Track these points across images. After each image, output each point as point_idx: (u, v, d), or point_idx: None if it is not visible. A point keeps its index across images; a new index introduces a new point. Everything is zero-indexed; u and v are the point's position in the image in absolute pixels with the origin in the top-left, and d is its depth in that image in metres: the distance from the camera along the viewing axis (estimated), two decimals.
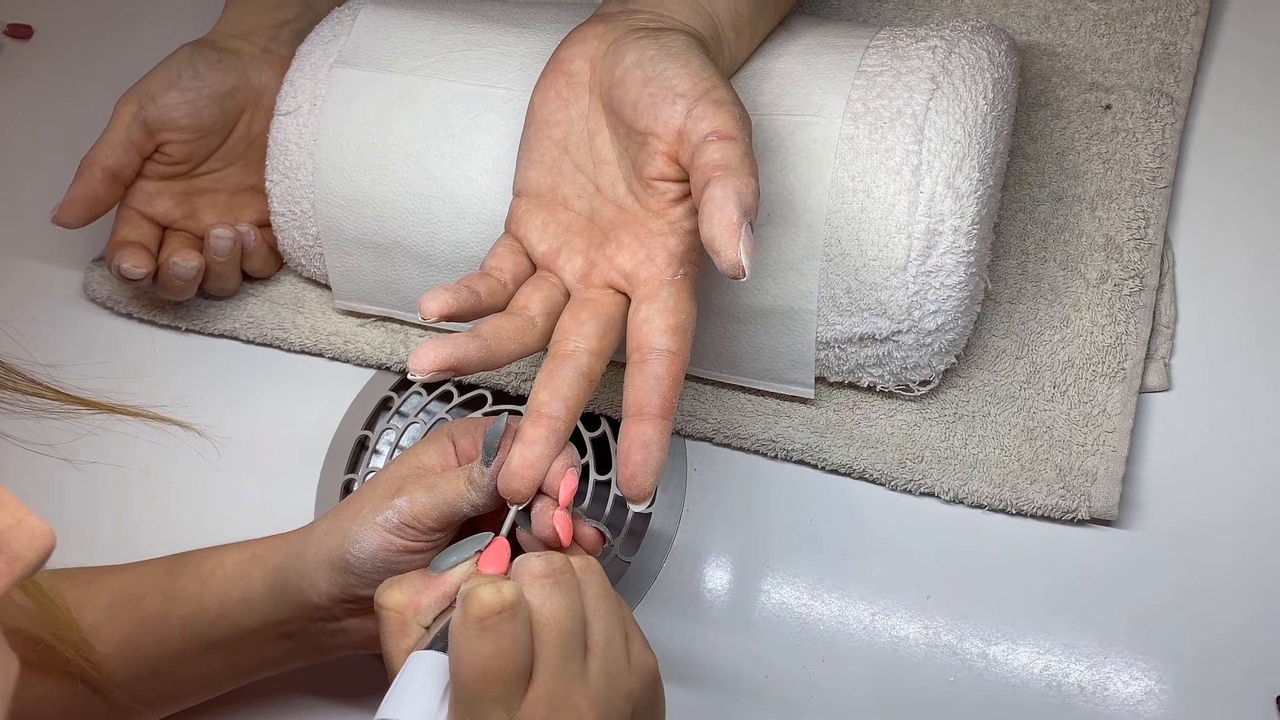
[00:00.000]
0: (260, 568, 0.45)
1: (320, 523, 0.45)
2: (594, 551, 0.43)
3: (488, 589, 0.36)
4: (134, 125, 0.58)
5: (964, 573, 0.49)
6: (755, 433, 0.53)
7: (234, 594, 0.45)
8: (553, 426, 0.41)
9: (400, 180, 0.54)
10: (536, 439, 0.41)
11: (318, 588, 0.44)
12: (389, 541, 0.43)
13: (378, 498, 0.43)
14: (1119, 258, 0.53)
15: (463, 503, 0.42)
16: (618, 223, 0.44)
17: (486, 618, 0.35)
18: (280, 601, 0.44)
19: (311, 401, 0.59)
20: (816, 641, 0.49)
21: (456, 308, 0.43)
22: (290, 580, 0.44)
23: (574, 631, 0.37)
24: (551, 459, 0.41)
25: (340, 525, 0.44)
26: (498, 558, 0.40)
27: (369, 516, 0.43)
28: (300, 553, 0.44)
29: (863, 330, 0.49)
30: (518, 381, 0.57)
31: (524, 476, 0.40)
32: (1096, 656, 0.47)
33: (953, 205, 0.47)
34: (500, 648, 0.35)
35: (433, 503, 0.43)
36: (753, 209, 0.39)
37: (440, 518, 0.43)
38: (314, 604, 0.44)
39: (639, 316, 0.42)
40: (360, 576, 0.43)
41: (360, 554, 0.43)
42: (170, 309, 0.62)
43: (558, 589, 0.37)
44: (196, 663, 0.46)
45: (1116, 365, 0.51)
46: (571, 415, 0.42)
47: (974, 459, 0.51)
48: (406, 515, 0.43)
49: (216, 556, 0.46)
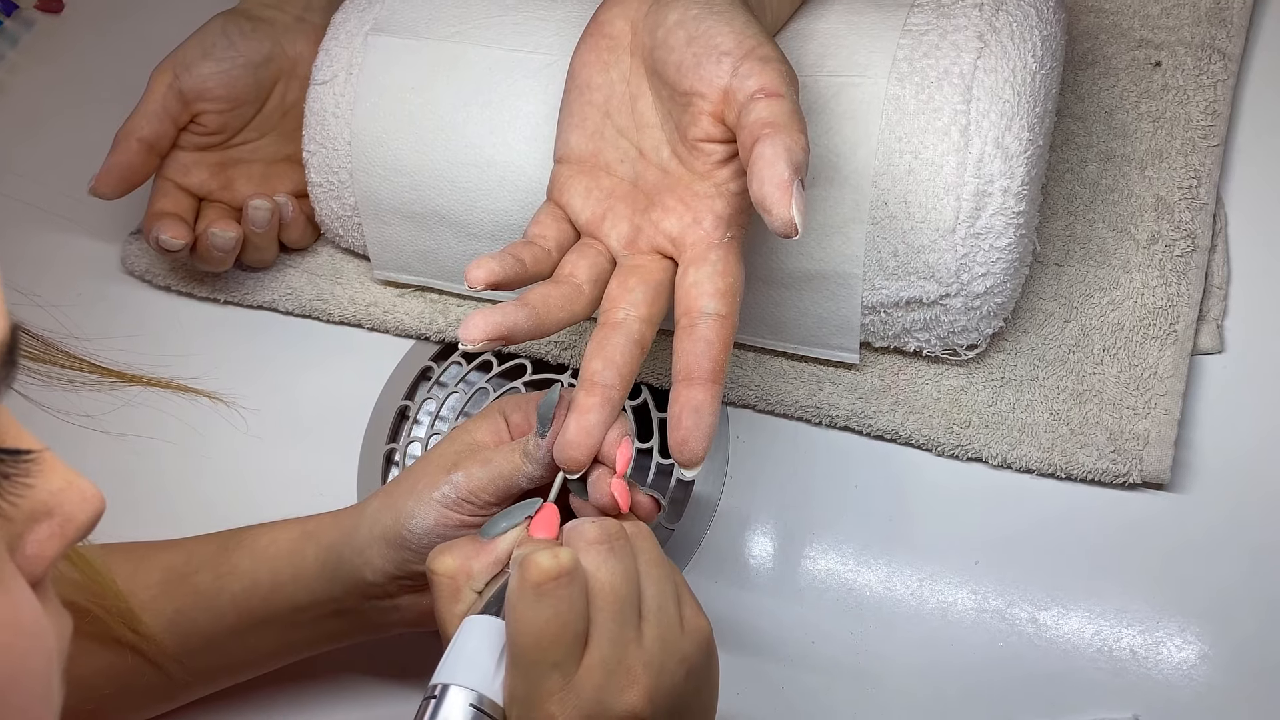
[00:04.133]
0: (313, 544, 0.45)
1: (372, 500, 0.45)
2: (649, 519, 0.43)
3: (545, 554, 0.36)
4: (169, 95, 0.58)
5: (1012, 538, 0.49)
6: (799, 399, 0.53)
7: (286, 570, 0.45)
8: (606, 395, 0.41)
9: (438, 148, 0.54)
10: (591, 408, 0.40)
11: (372, 564, 0.44)
12: (445, 516, 0.43)
13: (432, 474, 0.43)
14: (1170, 218, 0.52)
15: (519, 475, 0.42)
16: (662, 187, 0.44)
17: (544, 583, 0.35)
18: (333, 579, 0.44)
19: (351, 372, 0.59)
20: (863, 607, 0.49)
21: (503, 276, 0.42)
22: (344, 557, 0.44)
23: (629, 597, 0.37)
24: (607, 427, 0.41)
25: (394, 502, 0.44)
26: (549, 523, 0.40)
27: (424, 492, 0.43)
28: (353, 530, 0.44)
29: (909, 294, 0.48)
30: (557, 350, 0.57)
31: (580, 445, 0.40)
32: (1149, 621, 0.47)
33: (1002, 165, 0.46)
34: (558, 613, 0.35)
35: (489, 477, 0.42)
36: (803, 166, 0.38)
37: (496, 491, 0.43)
38: (368, 581, 0.44)
39: (687, 280, 0.42)
40: (416, 552, 0.43)
41: (417, 529, 0.43)
42: (208, 281, 0.62)
43: (613, 555, 0.37)
44: (249, 638, 0.46)
45: (1168, 327, 0.50)
46: (625, 383, 0.41)
47: (1022, 423, 0.50)
48: (463, 490, 0.42)
49: (269, 534, 0.46)
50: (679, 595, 0.39)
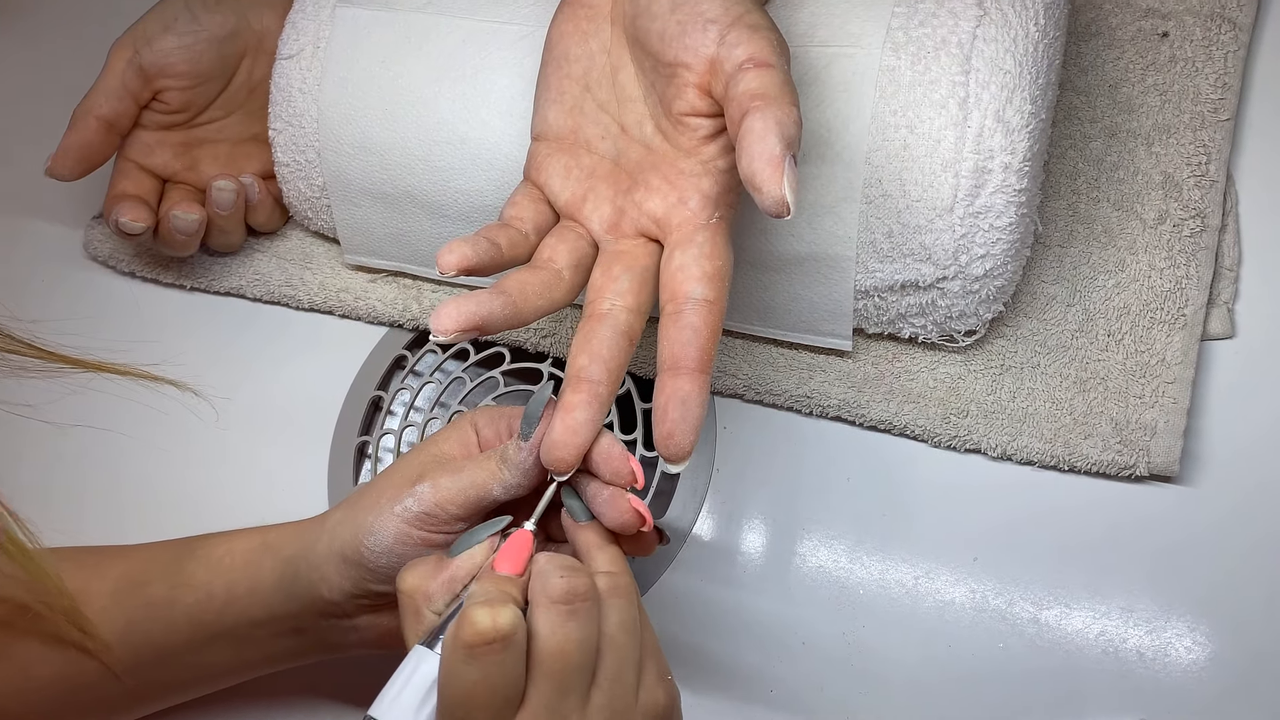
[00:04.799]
0: (271, 557, 0.43)
1: (334, 512, 0.43)
2: (647, 551, 0.41)
3: (483, 613, 0.33)
4: (129, 72, 0.56)
5: (1013, 533, 0.47)
6: (789, 388, 0.51)
7: (243, 583, 0.43)
8: (594, 391, 0.39)
9: (409, 126, 0.52)
10: (578, 405, 0.38)
11: (329, 582, 0.41)
12: (406, 533, 0.40)
13: (395, 486, 0.41)
14: (1178, 196, 0.50)
15: (493, 485, 0.40)
16: (646, 164, 0.42)
17: (476, 645, 0.33)
18: (290, 595, 0.42)
19: (322, 361, 0.57)
20: (856, 606, 0.47)
21: (476, 261, 0.40)
22: (300, 572, 0.42)
23: (580, 667, 0.35)
24: (596, 425, 0.39)
25: (354, 516, 0.41)
26: (516, 555, 0.37)
27: (386, 506, 0.40)
28: (312, 544, 0.42)
29: (905, 277, 0.46)
30: (537, 338, 0.55)
31: (568, 445, 0.38)
32: (1156, 621, 0.45)
33: (1003, 140, 0.44)
34: (486, 676, 0.33)
35: (458, 487, 0.40)
36: (795, 140, 0.36)
37: (466, 504, 0.40)
38: (325, 599, 0.42)
39: (673, 264, 0.40)
40: (375, 571, 0.41)
41: (376, 547, 0.40)
42: (174, 267, 0.60)
43: (573, 619, 0.35)
44: (203, 653, 0.44)
45: (1176, 311, 0.48)
46: (613, 378, 0.39)
47: (1023, 413, 0.48)
48: (428, 503, 0.40)
49: (226, 543, 0.44)
50: (643, 663, 0.37)
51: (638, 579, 0.49)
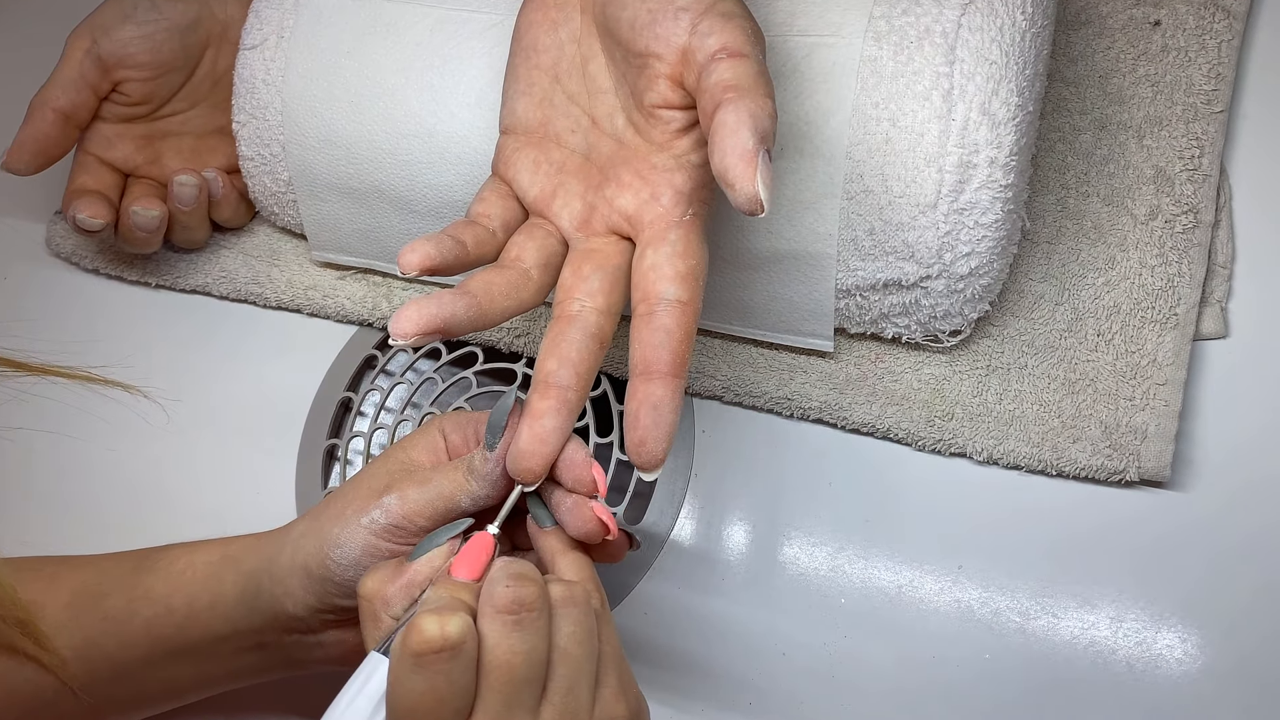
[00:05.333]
0: (232, 570, 0.42)
1: (298, 524, 0.41)
2: (616, 557, 0.40)
3: (431, 621, 0.32)
4: (87, 62, 0.54)
5: (999, 540, 0.46)
6: (769, 390, 0.49)
7: (203, 597, 0.41)
8: (563, 397, 0.37)
9: (375, 118, 0.50)
10: (546, 412, 0.37)
11: (293, 596, 0.40)
12: (374, 546, 0.39)
13: (362, 497, 0.40)
14: (1170, 191, 0.49)
15: (461, 496, 0.39)
16: (617, 159, 0.40)
17: (423, 654, 0.32)
18: (252, 609, 0.41)
19: (290, 361, 0.56)
20: (838, 616, 0.46)
21: (440, 260, 0.39)
22: (263, 587, 0.41)
23: (527, 680, 0.34)
24: (565, 433, 0.37)
25: (319, 528, 0.40)
26: (474, 559, 0.36)
27: (352, 518, 0.39)
28: (274, 556, 0.41)
29: (887, 276, 0.45)
30: (510, 337, 0.53)
31: (535, 454, 0.37)
32: (1146, 632, 0.43)
33: (988, 134, 0.42)
34: (433, 687, 0.32)
35: (426, 499, 0.39)
36: (770, 134, 0.34)
37: (434, 515, 0.39)
38: (289, 614, 0.40)
39: (645, 263, 0.38)
40: (341, 585, 0.39)
41: (342, 560, 0.39)
42: (138, 264, 0.59)
43: (518, 628, 0.34)
44: (163, 669, 0.42)
45: (1168, 310, 0.47)
46: (583, 383, 0.38)
47: (1010, 415, 0.47)
48: (396, 514, 0.39)
49: (187, 555, 0.43)
50: (601, 676, 0.35)
51: (612, 586, 0.48)
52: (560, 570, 0.38)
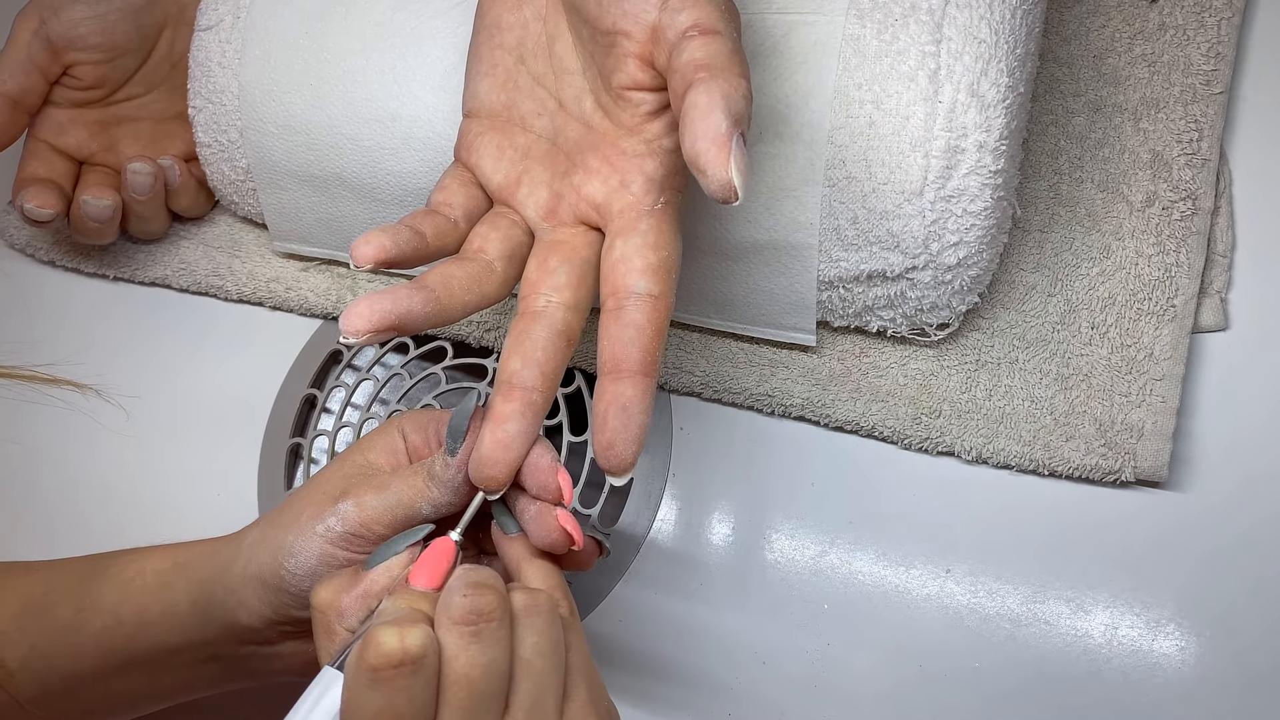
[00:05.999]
0: (184, 578, 0.40)
1: (250, 530, 0.39)
2: (586, 565, 0.38)
3: (389, 633, 0.31)
4: (35, 44, 0.52)
5: (989, 543, 0.44)
6: (749, 386, 0.47)
7: (154, 607, 0.40)
8: (527, 399, 0.36)
9: (335, 102, 0.48)
10: (509, 415, 0.35)
11: (247, 606, 0.38)
12: (330, 555, 0.37)
13: (317, 503, 0.38)
14: (1168, 176, 0.47)
15: (421, 503, 0.37)
16: (585, 144, 0.38)
17: (381, 669, 0.30)
18: (205, 620, 0.39)
19: (252, 357, 0.54)
20: (821, 622, 0.44)
21: (396, 252, 0.37)
22: (216, 597, 0.39)
23: (488, 694, 0.32)
24: (530, 437, 0.36)
25: (273, 535, 0.38)
26: (434, 567, 0.35)
27: (307, 525, 0.37)
28: (227, 565, 0.39)
29: (871, 267, 0.43)
30: (480, 331, 0.51)
31: (499, 461, 0.35)
32: (1142, 640, 0.41)
33: (977, 117, 0.40)
34: (392, 704, 0.31)
35: (384, 506, 0.37)
36: (744, 116, 0.32)
37: (393, 523, 0.37)
38: (244, 625, 0.38)
39: (614, 255, 0.36)
40: (296, 596, 0.37)
41: (297, 570, 0.37)
42: (95, 255, 0.57)
43: (476, 641, 0.32)
44: (114, 681, 0.40)
45: (1165, 301, 0.45)
46: (549, 384, 0.36)
47: (1000, 412, 0.45)
48: (352, 522, 0.37)
49: (138, 562, 0.41)
50: (569, 689, 0.34)
51: (586, 591, 0.46)
52: (526, 578, 0.37)
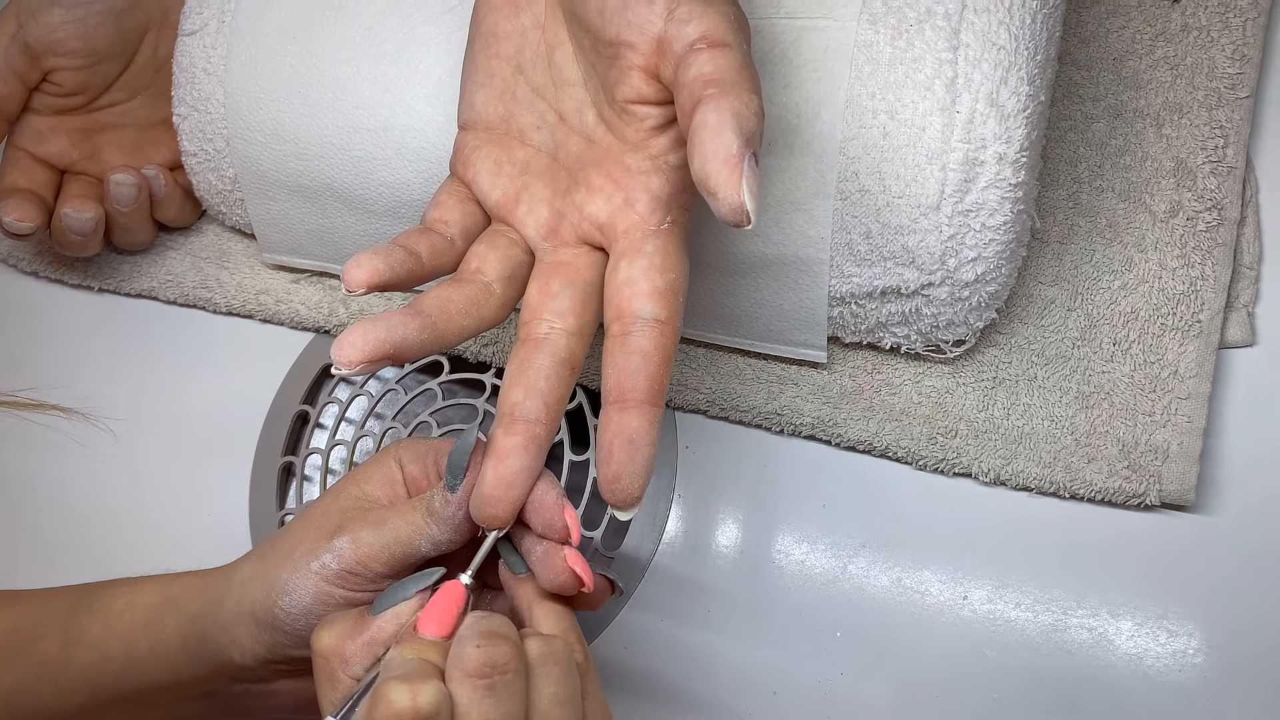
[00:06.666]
0: (174, 613, 0.38)
1: (243, 565, 0.38)
2: (595, 606, 0.37)
3: (401, 691, 0.29)
4: (12, 49, 0.50)
5: (1007, 569, 0.43)
6: (757, 404, 0.46)
7: (143, 643, 0.38)
8: (530, 433, 0.34)
9: (325, 110, 0.46)
10: (512, 450, 0.34)
11: (240, 645, 0.37)
12: (326, 593, 0.36)
13: (312, 538, 0.36)
14: (1192, 185, 0.45)
15: (420, 540, 0.35)
16: (587, 160, 0.37)
17: None
18: (196, 657, 0.38)
19: (242, 371, 0.53)
20: (833, 651, 0.42)
21: (390, 275, 0.36)
22: (208, 633, 0.37)
23: None
24: (534, 473, 0.34)
25: (266, 571, 0.36)
26: (443, 613, 0.33)
27: (302, 561, 0.36)
28: (219, 601, 0.37)
29: (885, 283, 0.41)
30: (478, 346, 0.49)
31: (502, 499, 0.34)
32: (1170, 672, 0.40)
33: (997, 128, 0.39)
34: None
35: (382, 543, 0.35)
36: (756, 135, 0.31)
37: (391, 561, 0.35)
38: (237, 663, 0.37)
39: (618, 278, 0.35)
40: (291, 635, 0.36)
41: (292, 608, 0.36)
42: (80, 267, 0.56)
43: (491, 694, 0.31)
44: (102, 718, 0.39)
45: (1190, 316, 0.43)
46: (553, 415, 0.35)
47: (1018, 432, 0.43)
48: (349, 559, 0.35)
49: (127, 595, 0.39)
50: None
51: (590, 618, 0.45)
52: (537, 621, 0.35)
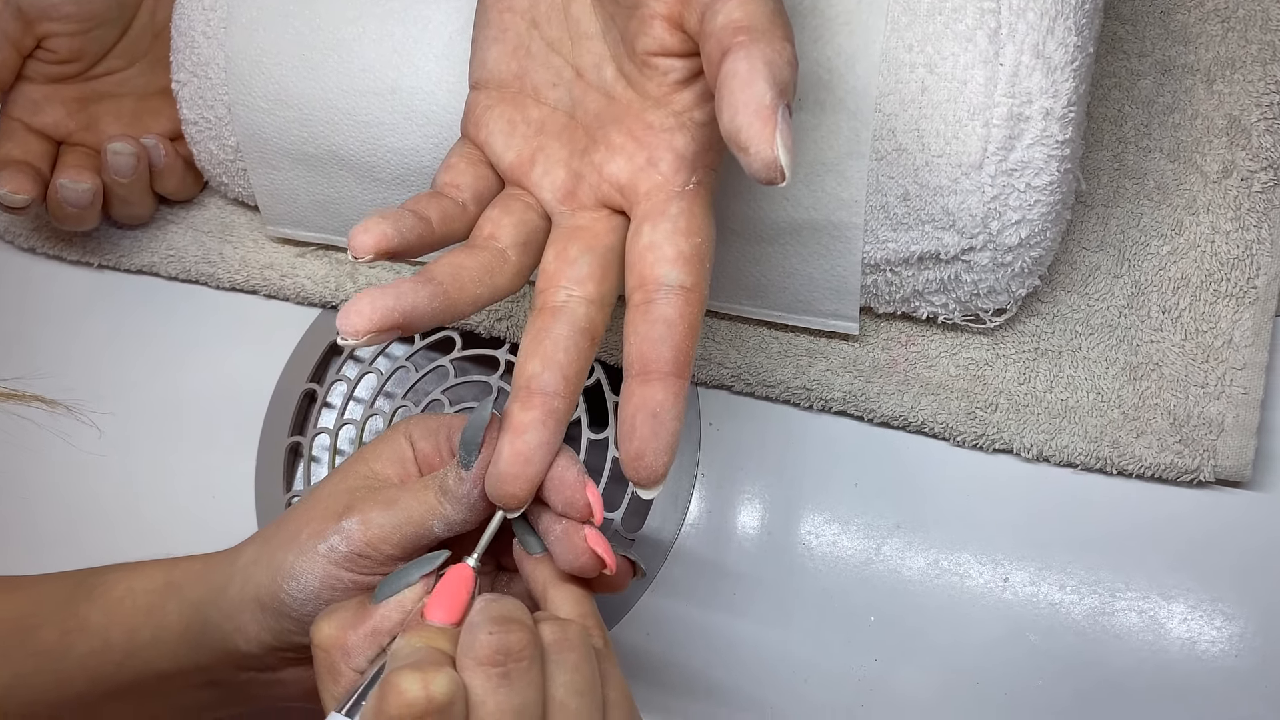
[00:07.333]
0: (176, 599, 0.37)
1: (247, 548, 0.36)
2: (618, 589, 0.35)
3: (412, 680, 0.28)
4: (5, 13, 0.49)
5: (1051, 550, 0.41)
6: (785, 379, 0.44)
7: (145, 630, 0.37)
8: (549, 406, 0.32)
9: (330, 74, 0.44)
10: (529, 425, 0.32)
11: (245, 633, 0.35)
12: (334, 576, 0.34)
13: (319, 519, 0.35)
14: (1246, 144, 0.43)
15: (434, 520, 0.34)
16: (606, 117, 0.35)
17: None
18: (198, 645, 0.36)
19: (247, 349, 0.51)
20: (865, 637, 0.41)
21: (399, 241, 0.34)
22: (211, 621, 0.36)
23: None
24: (552, 448, 0.33)
25: (271, 554, 0.35)
26: (451, 599, 0.32)
27: (308, 544, 0.34)
28: (222, 586, 0.36)
29: (923, 248, 0.39)
30: (491, 321, 0.48)
31: (519, 476, 0.32)
32: (1225, 657, 0.38)
33: (1043, 81, 0.36)
34: None
35: (393, 523, 0.34)
36: (790, 85, 0.29)
37: (402, 542, 0.34)
38: (241, 651, 0.36)
39: (641, 242, 0.33)
40: (299, 621, 0.34)
41: (298, 593, 0.34)
42: (78, 242, 0.54)
43: (506, 683, 0.29)
44: (104, 709, 0.38)
45: (1245, 282, 0.41)
46: (572, 389, 0.33)
47: (1062, 406, 0.41)
48: (358, 541, 0.34)
49: (128, 580, 0.38)
50: None
51: (610, 602, 0.43)
52: (553, 605, 0.34)
